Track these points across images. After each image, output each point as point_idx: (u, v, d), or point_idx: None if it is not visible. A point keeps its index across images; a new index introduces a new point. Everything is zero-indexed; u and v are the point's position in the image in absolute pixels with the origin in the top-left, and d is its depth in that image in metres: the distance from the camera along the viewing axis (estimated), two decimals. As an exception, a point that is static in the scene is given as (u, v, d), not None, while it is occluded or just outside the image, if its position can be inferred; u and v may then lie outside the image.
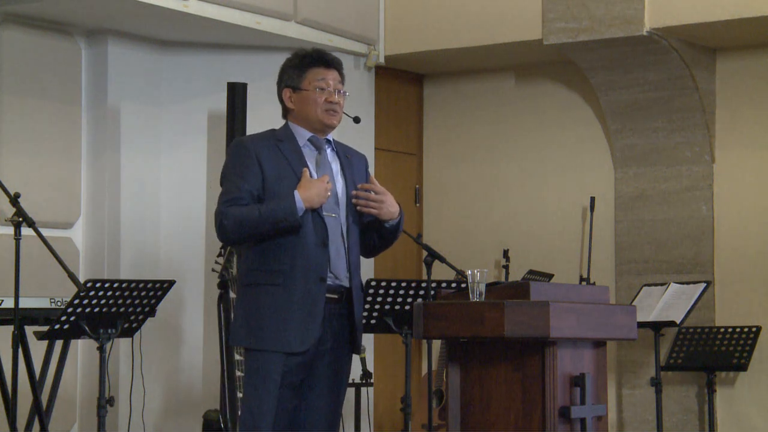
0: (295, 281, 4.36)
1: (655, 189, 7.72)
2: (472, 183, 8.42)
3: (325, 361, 4.45)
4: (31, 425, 5.76)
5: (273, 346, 4.39)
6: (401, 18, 7.94)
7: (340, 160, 4.58)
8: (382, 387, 8.04)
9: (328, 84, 4.52)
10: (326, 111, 4.51)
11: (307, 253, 4.38)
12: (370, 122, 8.01)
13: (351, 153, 4.69)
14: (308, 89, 4.51)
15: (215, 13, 6.82)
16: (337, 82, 4.56)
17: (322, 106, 4.50)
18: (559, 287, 4.56)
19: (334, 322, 4.45)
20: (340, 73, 4.59)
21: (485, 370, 4.41)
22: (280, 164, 4.45)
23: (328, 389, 4.49)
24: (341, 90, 4.57)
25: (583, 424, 4.39)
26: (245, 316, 4.45)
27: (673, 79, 7.45)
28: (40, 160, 6.83)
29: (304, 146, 4.52)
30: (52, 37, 6.95)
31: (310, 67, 4.52)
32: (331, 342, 4.45)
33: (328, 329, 4.43)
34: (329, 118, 4.52)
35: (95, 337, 5.17)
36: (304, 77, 4.51)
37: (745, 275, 7.50)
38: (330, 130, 4.58)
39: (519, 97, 8.32)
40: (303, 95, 4.51)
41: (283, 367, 4.35)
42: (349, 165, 4.60)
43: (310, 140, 4.53)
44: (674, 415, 7.55)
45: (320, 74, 4.52)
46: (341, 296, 4.46)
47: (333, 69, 4.56)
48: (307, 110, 4.51)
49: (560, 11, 7.35)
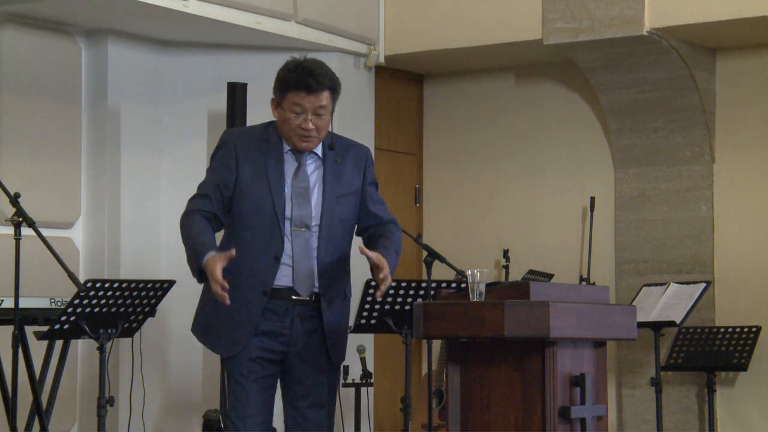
0: (238, 289, 4.35)
1: (655, 189, 7.72)
2: (472, 183, 8.42)
3: (301, 366, 4.46)
4: (31, 425, 5.76)
5: (211, 347, 4.52)
6: (401, 18, 7.94)
7: (324, 169, 4.49)
8: (382, 387, 8.04)
9: (304, 110, 4.38)
10: (298, 136, 4.41)
11: (256, 265, 4.39)
12: (370, 122, 8.01)
13: (348, 150, 4.56)
14: (285, 109, 4.41)
15: (215, 13, 6.82)
16: (317, 107, 4.38)
17: (295, 130, 4.40)
18: (559, 287, 4.56)
19: (306, 323, 4.45)
20: (331, 90, 4.42)
21: (485, 370, 4.40)
22: (258, 167, 4.43)
23: (310, 399, 4.48)
24: (320, 113, 4.39)
25: (583, 424, 4.39)
26: (198, 312, 4.56)
27: (673, 79, 7.45)
28: (40, 160, 6.83)
29: (287, 152, 4.47)
30: (52, 37, 6.95)
31: (290, 90, 4.39)
32: (303, 343, 4.45)
33: (299, 329, 4.44)
34: (300, 143, 4.43)
35: (95, 337, 5.17)
36: (284, 96, 4.41)
37: (745, 275, 7.50)
38: (306, 151, 4.47)
39: (519, 97, 8.32)
40: (281, 113, 4.43)
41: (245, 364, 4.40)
42: (335, 171, 4.50)
43: (291, 150, 4.48)
44: (674, 415, 7.55)
45: (298, 99, 4.37)
46: (311, 297, 4.44)
47: (313, 94, 4.38)
48: (283, 128, 4.45)
49: (560, 11, 7.35)
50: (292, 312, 4.43)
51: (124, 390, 6.74)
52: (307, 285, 4.43)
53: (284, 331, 4.43)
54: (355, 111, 7.85)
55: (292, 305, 4.42)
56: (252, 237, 4.41)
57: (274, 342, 4.43)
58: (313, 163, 4.51)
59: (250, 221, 4.43)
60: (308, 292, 4.43)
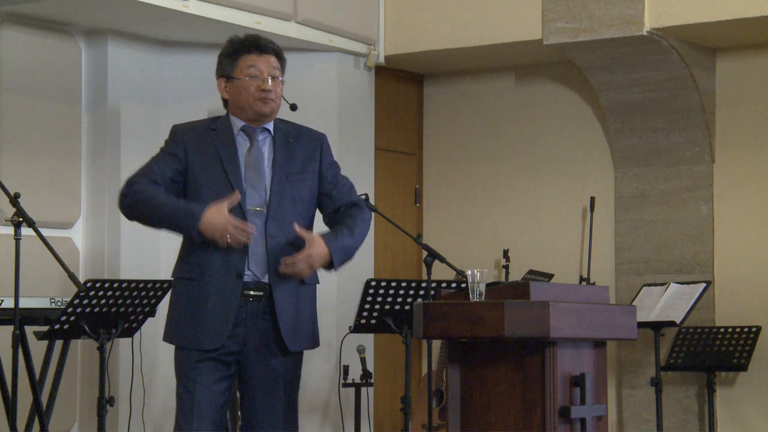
0: (210, 276, 4.26)
1: (655, 189, 7.72)
2: (472, 183, 8.42)
3: (255, 366, 4.33)
4: (31, 425, 5.76)
5: (188, 343, 4.33)
6: (401, 18, 7.94)
7: (274, 147, 4.38)
8: (382, 387, 8.04)
9: (260, 71, 4.32)
10: (258, 100, 4.32)
11: (226, 249, 4.25)
12: (370, 122, 8.01)
13: (301, 134, 4.47)
14: (240, 78, 4.33)
15: (215, 13, 6.82)
16: (272, 69, 4.34)
17: (254, 94, 4.31)
18: (559, 287, 4.56)
19: (258, 322, 4.31)
20: (279, 58, 4.39)
21: (485, 370, 4.41)
22: (208, 153, 4.33)
23: (267, 398, 4.34)
24: (277, 77, 4.35)
25: (583, 424, 4.39)
26: (169, 312, 4.44)
27: (673, 79, 7.45)
28: (40, 160, 6.83)
29: (237, 135, 4.36)
30: (52, 37, 6.95)
31: (242, 55, 4.34)
32: (256, 343, 4.32)
33: (252, 329, 4.30)
34: (261, 107, 4.33)
35: (95, 337, 5.17)
36: (236, 65, 4.34)
37: (745, 275, 7.50)
38: (265, 119, 4.38)
39: (519, 97, 8.32)
40: (236, 84, 4.35)
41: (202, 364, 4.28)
42: (286, 150, 4.39)
43: (242, 129, 4.37)
44: (674, 415, 7.55)
45: (251, 61, 4.33)
46: (264, 293, 4.31)
47: (267, 54, 4.35)
48: (239, 99, 4.34)
49: (560, 11, 7.35)
50: (245, 310, 4.30)
51: (124, 390, 6.74)
52: (261, 267, 4.29)
53: (237, 329, 4.29)
54: (355, 111, 7.85)
55: (246, 301, 4.28)
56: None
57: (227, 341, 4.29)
58: (265, 140, 4.39)
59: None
60: (262, 274, 4.29)
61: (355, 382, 7.16)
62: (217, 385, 4.32)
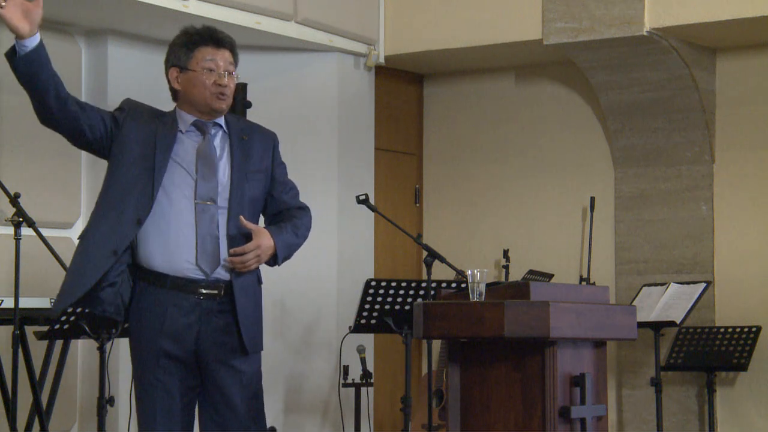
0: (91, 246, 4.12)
1: (655, 189, 7.72)
2: (472, 183, 8.42)
3: (214, 366, 4.13)
4: (31, 425, 5.76)
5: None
6: (401, 18, 7.94)
7: (230, 143, 4.27)
8: (382, 387, 8.04)
9: (217, 65, 4.22)
10: (214, 95, 4.22)
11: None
12: (370, 122, 8.01)
13: (253, 132, 4.35)
14: (196, 70, 4.24)
15: (215, 13, 6.82)
16: (228, 64, 4.24)
17: (211, 89, 4.21)
18: (559, 287, 4.57)
19: (213, 320, 4.13)
20: (233, 54, 4.29)
21: (485, 370, 4.41)
22: (147, 142, 4.22)
23: (228, 398, 4.14)
24: (232, 72, 4.26)
25: (583, 424, 4.39)
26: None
27: (673, 79, 7.45)
28: (40, 160, 6.83)
29: (188, 131, 4.25)
30: (52, 37, 6.94)
31: (199, 46, 4.25)
32: (212, 341, 4.12)
33: (207, 328, 4.12)
34: (217, 103, 4.22)
35: (95, 337, 5.17)
36: (192, 56, 4.25)
37: (745, 275, 7.50)
38: (218, 114, 4.27)
39: (519, 97, 8.32)
40: (190, 76, 4.25)
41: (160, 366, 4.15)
42: (242, 147, 4.27)
43: (194, 124, 4.26)
44: (674, 415, 7.55)
45: (209, 54, 4.23)
46: (220, 291, 4.13)
47: (224, 49, 4.25)
48: (193, 92, 4.25)
49: (560, 11, 7.35)
50: (199, 308, 4.12)
51: (124, 390, 6.73)
52: (211, 263, 4.11)
53: (191, 330, 4.13)
54: (355, 111, 7.85)
55: (199, 299, 4.12)
56: (121, 195, 4.18)
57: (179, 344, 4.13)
58: (216, 135, 4.29)
59: (122, 179, 4.22)
60: (212, 270, 4.12)
61: (355, 382, 7.15)
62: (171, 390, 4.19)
